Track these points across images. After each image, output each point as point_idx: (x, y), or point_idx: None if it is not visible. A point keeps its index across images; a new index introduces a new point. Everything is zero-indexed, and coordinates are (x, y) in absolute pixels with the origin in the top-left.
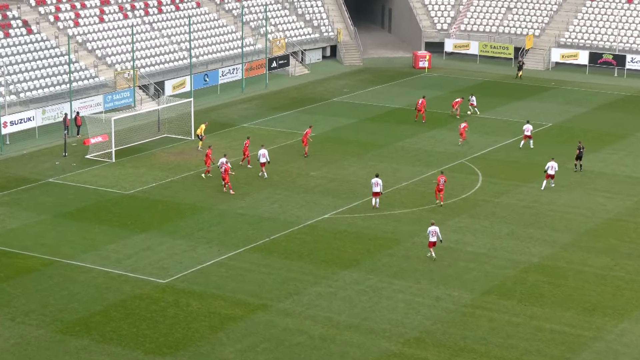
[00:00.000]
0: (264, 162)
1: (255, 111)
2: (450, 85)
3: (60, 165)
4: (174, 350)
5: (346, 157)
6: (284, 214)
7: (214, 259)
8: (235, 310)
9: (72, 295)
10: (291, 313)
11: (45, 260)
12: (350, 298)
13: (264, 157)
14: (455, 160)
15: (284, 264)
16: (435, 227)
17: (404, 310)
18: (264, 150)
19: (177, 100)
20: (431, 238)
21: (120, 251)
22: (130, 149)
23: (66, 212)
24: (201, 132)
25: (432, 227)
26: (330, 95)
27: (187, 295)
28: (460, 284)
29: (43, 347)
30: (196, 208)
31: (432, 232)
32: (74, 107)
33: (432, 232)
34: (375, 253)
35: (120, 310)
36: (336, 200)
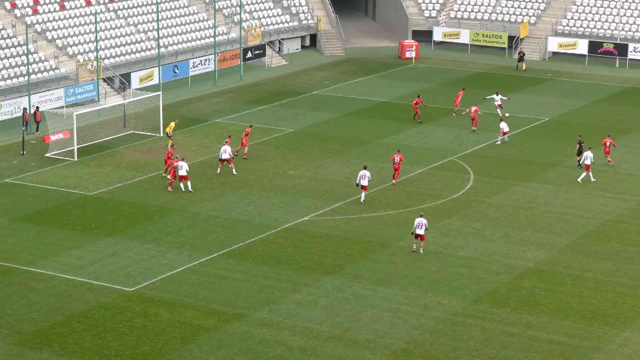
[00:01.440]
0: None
1: (229, 105)
2: (440, 77)
3: (18, 165)
4: None
5: (327, 154)
6: (260, 217)
7: (184, 265)
8: (208, 320)
9: (32, 304)
10: (268, 323)
11: (1, 267)
12: (332, 307)
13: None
14: (445, 158)
15: (260, 270)
16: (423, 219)
17: (390, 319)
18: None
19: (145, 93)
20: (418, 230)
21: (83, 257)
22: (93, 147)
23: (25, 215)
24: (170, 131)
25: (420, 219)
26: (310, 88)
27: (156, 304)
28: (450, 291)
29: None
30: (165, 210)
31: (419, 224)
32: (33, 102)
33: (419, 225)
34: (359, 258)
35: (83, 320)
36: (316, 201)
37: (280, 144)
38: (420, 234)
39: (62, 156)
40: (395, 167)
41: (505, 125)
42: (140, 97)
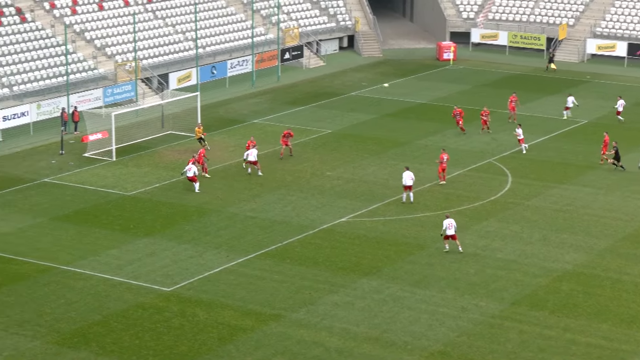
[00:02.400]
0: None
1: (267, 106)
2: (477, 79)
3: (56, 164)
4: None
5: (364, 155)
6: (297, 217)
7: (222, 265)
8: (245, 320)
9: (70, 304)
10: (306, 324)
11: (40, 266)
12: (369, 308)
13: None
14: (483, 160)
15: (298, 271)
16: (451, 220)
17: (427, 321)
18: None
19: (183, 94)
20: (448, 232)
21: (121, 257)
22: (132, 147)
23: (63, 215)
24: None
25: (448, 220)
26: (347, 89)
27: (194, 304)
28: (488, 293)
29: None
30: (203, 210)
31: (449, 225)
32: (72, 102)
33: (449, 225)
34: (397, 260)
35: (121, 320)
36: (354, 202)
37: (318, 145)
38: (451, 235)
39: (101, 156)
40: (444, 166)
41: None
42: (178, 97)
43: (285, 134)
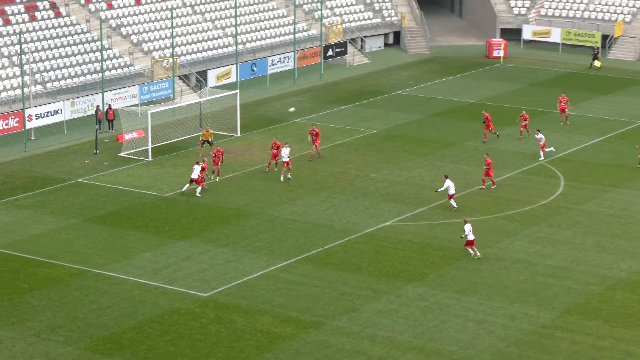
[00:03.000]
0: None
1: (309, 105)
2: (529, 78)
3: (90, 164)
4: None
5: (410, 157)
6: (340, 221)
7: (261, 270)
8: (285, 328)
9: (103, 309)
10: (348, 332)
11: (73, 269)
12: (413, 316)
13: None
14: (534, 162)
15: (339, 276)
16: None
17: (474, 330)
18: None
19: (221, 92)
20: (470, 237)
21: (156, 260)
22: (168, 146)
23: (97, 216)
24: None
25: (469, 225)
26: (393, 88)
27: (231, 310)
28: (538, 301)
29: None
30: (242, 213)
31: (470, 230)
32: (107, 99)
33: (470, 230)
34: (443, 266)
35: (156, 326)
36: (399, 205)
37: (362, 146)
38: (471, 240)
39: (136, 156)
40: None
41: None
42: (216, 95)
43: (311, 132)
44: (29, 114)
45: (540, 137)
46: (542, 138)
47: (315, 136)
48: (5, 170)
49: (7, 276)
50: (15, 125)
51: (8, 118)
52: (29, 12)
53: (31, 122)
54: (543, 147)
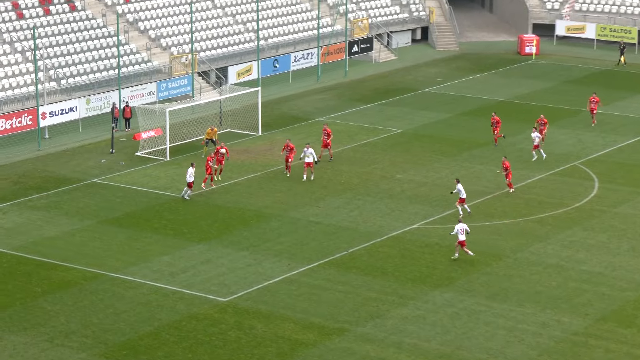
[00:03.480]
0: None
1: (333, 103)
2: (562, 75)
3: (106, 164)
4: None
5: (438, 157)
6: (364, 223)
7: (282, 274)
8: (307, 334)
9: (119, 314)
10: (372, 339)
11: (88, 273)
12: (441, 323)
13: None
14: (567, 163)
15: (364, 281)
16: (464, 225)
17: (505, 338)
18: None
19: (242, 89)
20: (460, 237)
21: (174, 264)
22: (187, 146)
23: (112, 218)
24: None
25: (461, 225)
26: (420, 85)
27: (252, 316)
28: (571, 308)
29: None
30: (263, 215)
31: (461, 230)
32: (123, 96)
33: (461, 230)
34: (472, 270)
35: (173, 332)
36: (426, 207)
37: (388, 146)
38: (462, 240)
39: (153, 155)
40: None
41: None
42: (237, 92)
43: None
44: (42, 112)
45: (535, 136)
46: (537, 137)
47: (326, 136)
48: (18, 170)
49: (20, 280)
50: (28, 123)
51: (21, 116)
52: (43, 6)
53: (45, 120)
54: (536, 147)
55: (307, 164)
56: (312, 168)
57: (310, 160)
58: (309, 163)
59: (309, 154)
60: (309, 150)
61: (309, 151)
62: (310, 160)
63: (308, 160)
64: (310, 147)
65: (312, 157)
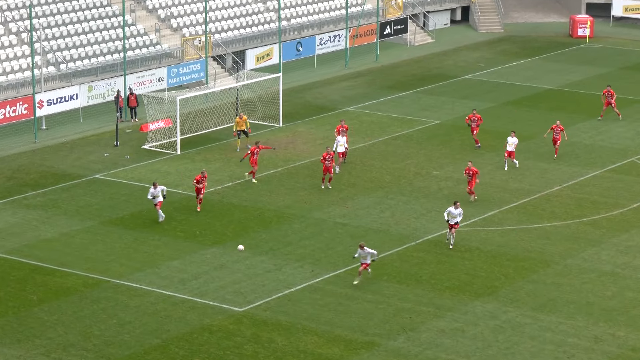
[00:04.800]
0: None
1: (363, 91)
2: (619, 60)
3: (110, 158)
4: None
5: (480, 152)
6: (397, 225)
7: (306, 281)
8: (332, 348)
9: (123, 324)
10: (405, 354)
11: (89, 279)
12: (482, 336)
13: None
14: (624, 159)
15: (396, 290)
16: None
17: (553, 353)
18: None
19: (262, 75)
20: (452, 220)
21: (185, 269)
22: (200, 138)
23: (117, 218)
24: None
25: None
26: (460, 72)
27: (271, 328)
28: (627, 320)
29: None
30: (284, 216)
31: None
32: (129, 83)
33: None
34: (516, 278)
35: (184, 345)
36: (466, 208)
37: (423, 139)
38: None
39: (162, 148)
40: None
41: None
42: (256, 79)
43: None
44: (39, 100)
45: (513, 142)
46: (514, 143)
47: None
48: (12, 164)
49: (13, 286)
50: (24, 113)
51: (16, 104)
52: None
53: (42, 109)
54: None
55: (341, 154)
56: (344, 158)
57: (343, 150)
58: (342, 153)
59: (342, 142)
60: (343, 139)
61: (342, 140)
62: (343, 150)
63: (340, 150)
64: (345, 136)
65: (344, 145)
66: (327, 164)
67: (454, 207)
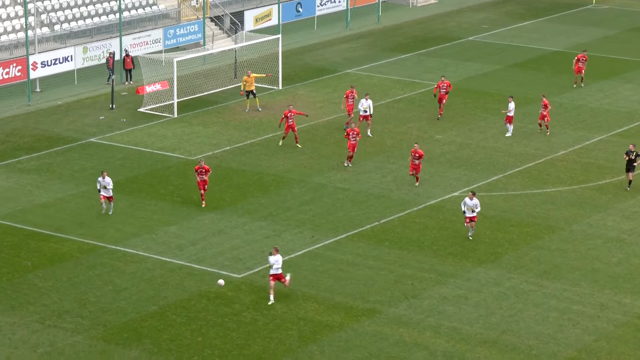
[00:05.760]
0: (366, 115)
1: (364, 53)
2: (626, 22)
3: (105, 121)
4: None
5: (483, 115)
6: (399, 190)
7: (305, 247)
8: (332, 316)
9: (119, 291)
10: (407, 322)
11: (84, 245)
12: (485, 304)
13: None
14: (631, 122)
15: (398, 256)
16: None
17: (557, 321)
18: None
19: (261, 37)
20: (469, 213)
21: (182, 235)
22: (197, 101)
23: (113, 183)
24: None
25: (475, 200)
26: (464, 33)
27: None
28: (634, 287)
29: (80, 359)
30: (283, 180)
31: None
32: (125, 44)
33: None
34: (521, 244)
35: (181, 312)
36: (469, 172)
37: (426, 102)
38: (471, 217)
39: (159, 112)
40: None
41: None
42: (255, 40)
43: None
44: (33, 61)
45: (368, 105)
46: (512, 109)
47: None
48: (5, 128)
49: (7, 252)
50: (17, 75)
51: (9, 66)
52: None
53: (36, 71)
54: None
55: (364, 117)
56: (369, 122)
57: (368, 114)
58: (366, 116)
59: (366, 106)
60: (367, 102)
61: (367, 103)
62: (368, 114)
63: (364, 114)
64: (369, 99)
65: (369, 109)
66: (352, 141)
67: (469, 198)
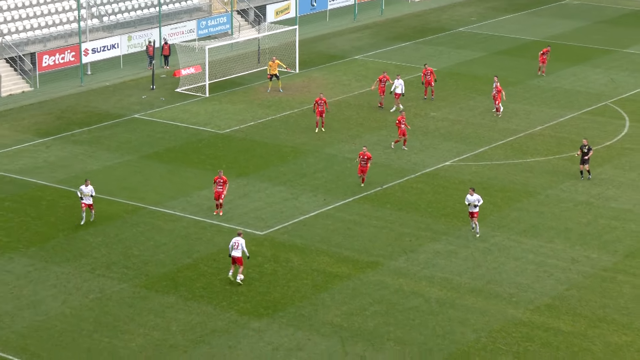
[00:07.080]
0: (400, 93)
1: (369, 41)
2: (595, 15)
3: (147, 100)
4: (272, 312)
5: (472, 95)
6: (399, 160)
7: (318, 209)
8: (341, 267)
9: (159, 246)
10: (405, 273)
11: (129, 206)
12: (473, 257)
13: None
14: (599, 102)
15: (398, 216)
16: (478, 196)
17: (534, 273)
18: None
19: (280, 27)
20: (471, 208)
21: (212, 198)
22: (226, 83)
23: (153, 153)
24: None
25: (476, 196)
26: (455, 25)
27: (288, 249)
28: (600, 244)
29: (125, 304)
30: (299, 151)
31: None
32: (164, 34)
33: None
34: (503, 207)
35: (212, 264)
36: (459, 145)
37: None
38: (473, 212)
39: (193, 92)
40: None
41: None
42: (275, 31)
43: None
44: (85, 48)
45: (399, 84)
46: (400, 85)
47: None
48: (61, 105)
49: (62, 212)
50: (71, 60)
51: (64, 52)
52: None
53: (87, 57)
54: (397, 98)
55: (397, 95)
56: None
57: (400, 92)
58: (398, 94)
59: (398, 84)
60: (399, 82)
61: (399, 82)
62: (400, 92)
63: (398, 92)
64: (401, 79)
65: (401, 87)
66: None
67: (469, 194)
